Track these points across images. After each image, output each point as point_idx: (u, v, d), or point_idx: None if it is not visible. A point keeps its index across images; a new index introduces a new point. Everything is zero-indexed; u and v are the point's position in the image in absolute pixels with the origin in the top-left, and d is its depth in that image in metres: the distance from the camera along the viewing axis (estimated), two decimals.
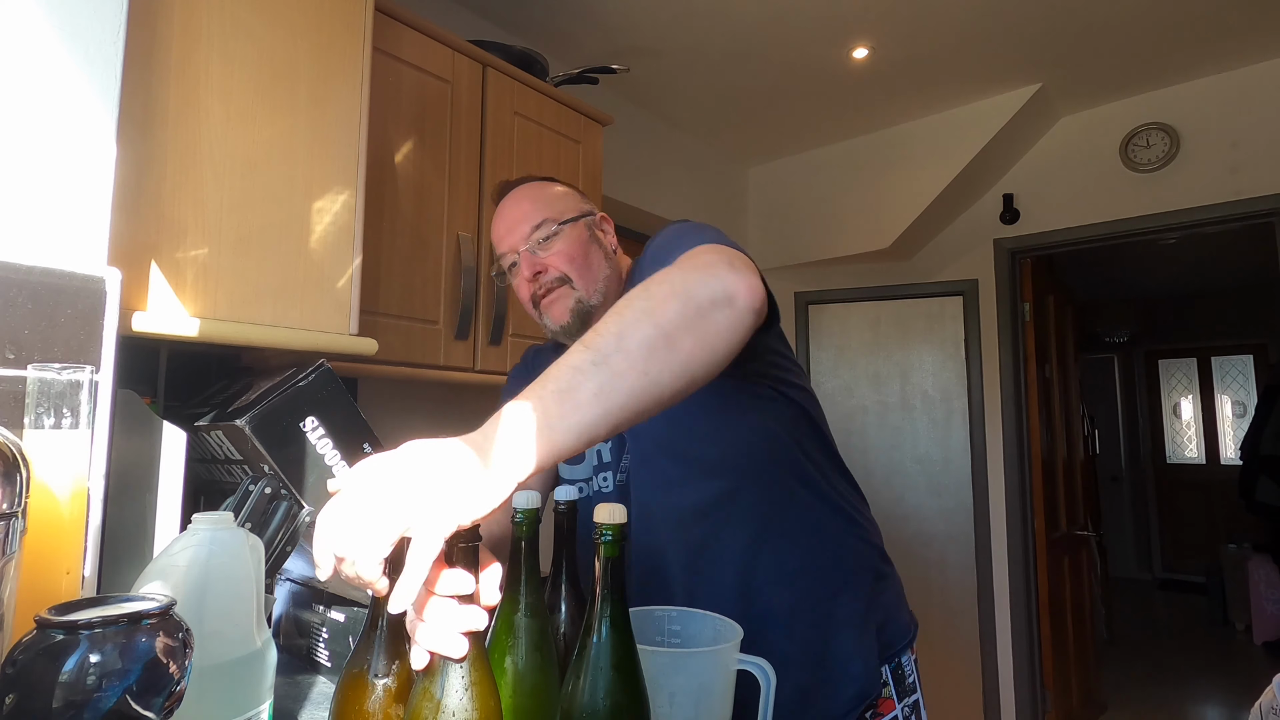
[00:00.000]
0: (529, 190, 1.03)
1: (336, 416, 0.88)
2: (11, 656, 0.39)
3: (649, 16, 2.16)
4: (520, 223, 1.00)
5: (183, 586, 0.52)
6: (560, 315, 0.98)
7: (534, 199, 1.02)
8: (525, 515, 0.62)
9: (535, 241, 0.99)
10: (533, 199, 1.02)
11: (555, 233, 0.99)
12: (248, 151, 0.98)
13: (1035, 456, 2.91)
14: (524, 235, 0.99)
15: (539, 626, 0.60)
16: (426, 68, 1.49)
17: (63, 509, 0.58)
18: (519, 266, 1.00)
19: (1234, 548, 4.99)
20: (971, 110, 2.73)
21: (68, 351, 0.67)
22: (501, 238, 1.02)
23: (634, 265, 1.01)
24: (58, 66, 0.74)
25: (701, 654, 0.67)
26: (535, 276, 0.98)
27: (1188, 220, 2.57)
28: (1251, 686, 3.67)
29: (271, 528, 0.82)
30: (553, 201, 1.02)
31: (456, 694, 0.48)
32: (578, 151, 1.84)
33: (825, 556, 0.94)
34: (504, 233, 1.01)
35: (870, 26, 2.22)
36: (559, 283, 0.98)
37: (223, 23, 0.97)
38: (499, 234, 1.02)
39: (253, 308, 0.98)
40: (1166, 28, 2.24)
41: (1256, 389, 5.78)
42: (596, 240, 1.03)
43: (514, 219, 1.01)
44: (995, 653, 2.85)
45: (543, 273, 0.98)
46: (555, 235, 0.99)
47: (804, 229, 3.16)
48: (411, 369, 1.44)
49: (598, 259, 1.01)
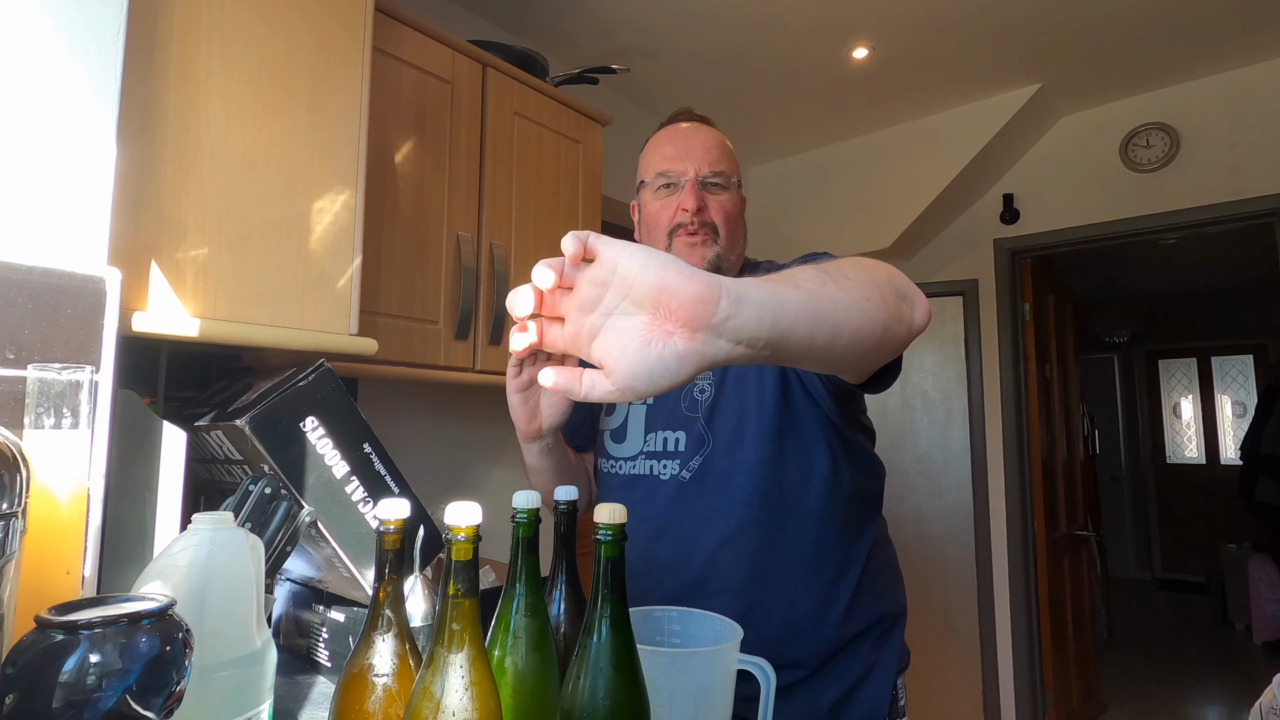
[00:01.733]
0: (712, 133, 1.04)
1: (336, 416, 0.88)
2: (11, 656, 0.39)
3: (649, 17, 2.16)
4: (702, 155, 1.00)
5: (183, 586, 0.52)
6: (696, 260, 0.97)
7: (719, 144, 1.03)
8: (525, 515, 0.62)
9: (708, 180, 0.99)
10: (721, 144, 1.03)
11: (729, 186, 1.01)
12: (248, 151, 0.98)
13: (1035, 456, 2.91)
14: (700, 168, 0.99)
15: (539, 626, 0.60)
16: (426, 68, 1.49)
17: (63, 509, 0.58)
18: (680, 190, 0.99)
19: (1234, 548, 4.99)
20: (971, 110, 2.73)
21: (68, 351, 0.67)
22: (673, 158, 1.01)
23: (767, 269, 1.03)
24: (57, 66, 0.74)
25: (701, 654, 0.67)
26: (698, 210, 0.98)
27: (1188, 220, 2.57)
28: (1251, 686, 3.67)
29: (271, 528, 0.82)
30: (730, 157, 1.04)
31: (456, 694, 0.48)
32: (578, 151, 1.84)
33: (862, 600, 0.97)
34: (680, 154, 1.00)
35: (870, 26, 2.22)
36: (710, 229, 0.99)
37: (223, 23, 0.96)
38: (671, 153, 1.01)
39: (253, 308, 0.98)
40: (1166, 28, 2.24)
41: (1256, 389, 5.78)
42: (742, 215, 1.05)
43: (701, 146, 1.01)
44: (995, 653, 2.85)
45: (704, 209, 0.98)
46: (728, 188, 1.01)
47: (804, 229, 3.16)
48: (411, 369, 1.44)
49: (740, 229, 1.04)
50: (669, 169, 1.00)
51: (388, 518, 0.57)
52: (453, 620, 0.50)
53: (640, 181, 1.06)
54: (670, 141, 1.03)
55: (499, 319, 1.59)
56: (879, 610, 0.98)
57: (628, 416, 1.05)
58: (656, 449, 1.00)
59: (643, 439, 1.03)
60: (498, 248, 1.60)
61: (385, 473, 0.91)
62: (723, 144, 1.04)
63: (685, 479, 0.97)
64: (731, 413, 0.97)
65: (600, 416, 1.10)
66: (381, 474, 0.91)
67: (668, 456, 0.99)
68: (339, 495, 0.87)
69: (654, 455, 1.01)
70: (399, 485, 0.92)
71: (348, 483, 0.88)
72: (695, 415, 0.99)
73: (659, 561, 0.95)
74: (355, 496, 0.88)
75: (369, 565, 0.88)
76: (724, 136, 1.07)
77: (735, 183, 1.03)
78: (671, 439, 1.00)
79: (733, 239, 1.01)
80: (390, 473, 0.91)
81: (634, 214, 1.10)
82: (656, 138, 1.07)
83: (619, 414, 1.07)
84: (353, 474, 0.88)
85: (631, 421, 1.05)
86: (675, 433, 1.00)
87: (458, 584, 0.51)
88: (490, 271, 1.58)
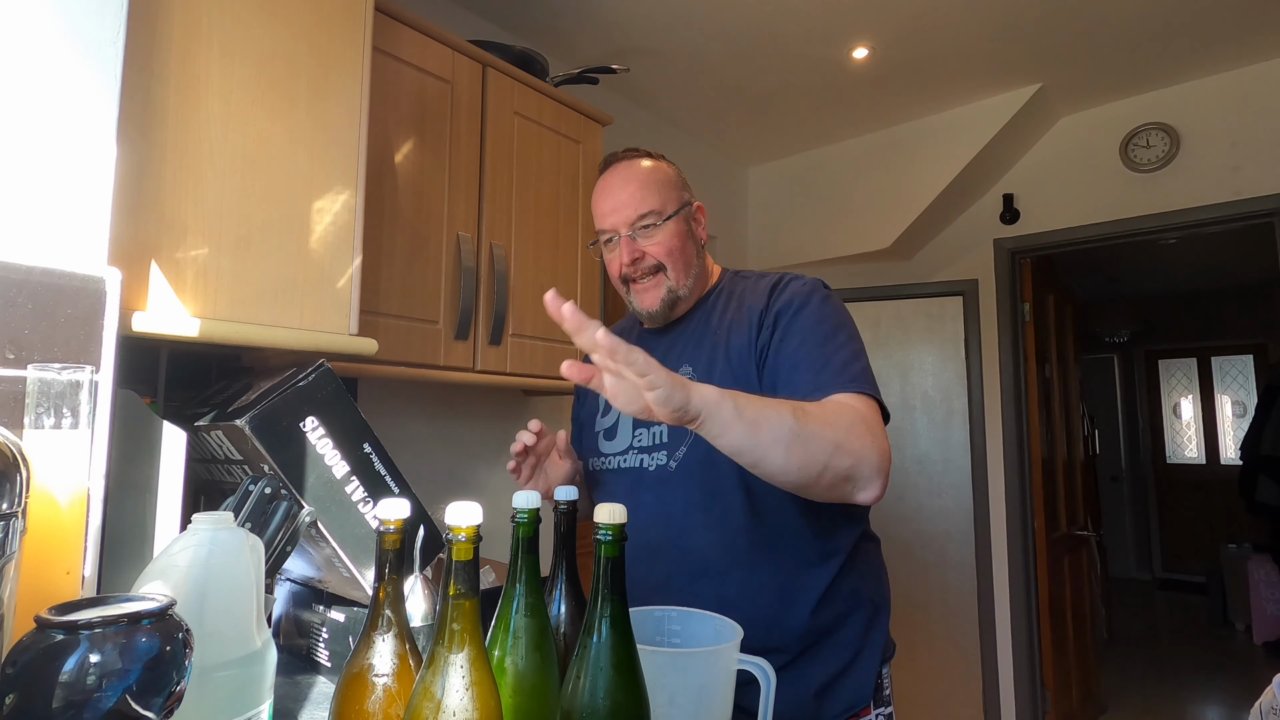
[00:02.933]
0: (638, 172, 1.06)
1: (336, 416, 0.88)
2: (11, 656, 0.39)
3: (649, 17, 2.16)
4: (626, 206, 1.04)
5: (183, 586, 0.52)
6: (651, 303, 1.06)
7: (643, 183, 1.05)
8: (525, 515, 0.62)
9: (638, 228, 1.04)
10: (641, 183, 1.05)
11: (661, 221, 1.04)
12: (248, 151, 0.98)
13: (1035, 456, 2.91)
14: (627, 219, 1.04)
15: (539, 626, 0.60)
16: (426, 68, 1.49)
17: (63, 509, 0.58)
18: (617, 247, 1.05)
19: (1234, 548, 4.99)
20: (971, 110, 2.72)
21: (68, 351, 0.67)
22: (605, 215, 1.06)
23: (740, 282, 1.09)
24: (58, 66, 0.74)
25: (701, 654, 0.67)
26: (634, 262, 1.04)
27: (1188, 220, 2.57)
28: (1251, 686, 3.67)
29: (271, 528, 0.82)
30: (661, 190, 1.05)
31: (457, 694, 0.48)
32: (578, 151, 1.84)
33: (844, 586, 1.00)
34: (608, 210, 1.06)
35: (870, 26, 2.22)
36: (654, 270, 1.05)
37: (223, 23, 0.96)
38: (603, 209, 1.07)
39: (253, 308, 0.98)
40: (1167, 28, 2.24)
41: (1256, 389, 5.78)
42: (692, 233, 1.09)
43: (620, 200, 1.05)
44: (995, 653, 2.85)
45: (640, 259, 1.04)
46: (658, 227, 1.04)
47: (804, 229, 3.16)
48: (411, 369, 1.44)
49: (691, 252, 1.08)
50: (603, 227, 1.07)
51: (388, 518, 0.57)
52: (453, 620, 0.50)
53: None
54: (602, 197, 1.08)
55: (499, 319, 1.59)
56: (862, 597, 1.00)
57: (619, 416, 1.10)
58: (645, 443, 1.05)
59: (631, 434, 1.07)
60: (497, 248, 1.60)
61: (385, 473, 0.91)
62: (648, 180, 1.05)
63: (671, 469, 1.01)
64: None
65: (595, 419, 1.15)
66: (381, 474, 0.91)
67: (655, 449, 1.03)
68: (339, 495, 0.87)
69: (643, 450, 1.05)
70: (399, 485, 0.92)
71: (348, 483, 0.88)
72: None
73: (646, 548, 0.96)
74: (355, 496, 0.88)
75: (369, 565, 0.88)
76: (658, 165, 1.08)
77: (670, 211, 1.05)
78: (657, 432, 1.04)
79: (682, 268, 1.06)
80: (390, 473, 0.91)
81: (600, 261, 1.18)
82: (595, 191, 1.10)
83: (612, 413, 1.11)
84: (353, 474, 0.88)
85: (622, 420, 1.09)
86: (659, 426, 1.03)
87: (458, 584, 0.51)
88: (490, 271, 1.58)
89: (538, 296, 1.71)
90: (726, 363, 1.00)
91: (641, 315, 1.09)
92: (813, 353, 0.94)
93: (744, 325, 1.01)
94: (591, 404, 1.18)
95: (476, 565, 0.52)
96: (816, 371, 0.91)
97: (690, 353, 1.05)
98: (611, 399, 0.70)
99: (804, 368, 0.92)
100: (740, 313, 1.04)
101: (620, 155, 1.10)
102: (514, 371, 1.64)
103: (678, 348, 1.07)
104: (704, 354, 1.04)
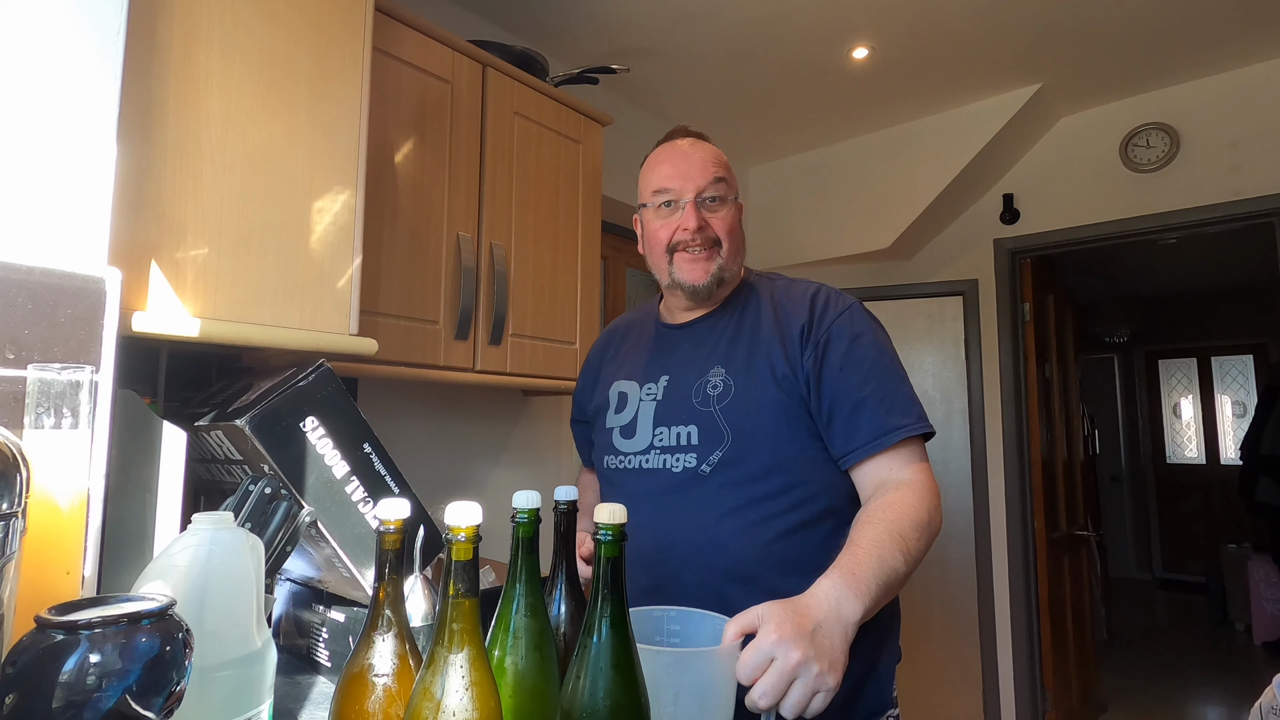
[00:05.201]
0: (708, 147, 1.07)
1: (336, 416, 0.88)
2: (11, 656, 0.39)
3: (649, 16, 2.16)
4: (699, 173, 1.03)
5: (183, 586, 0.52)
6: (700, 276, 1.04)
7: (719, 160, 1.06)
8: (525, 515, 0.62)
9: (706, 198, 1.03)
10: (717, 159, 1.06)
11: (728, 200, 1.04)
12: (248, 151, 0.98)
13: (1035, 456, 2.91)
14: (698, 186, 1.03)
15: (539, 626, 0.60)
16: (426, 68, 1.49)
17: (63, 509, 0.58)
18: (680, 210, 1.03)
19: (1234, 548, 4.98)
20: (971, 110, 2.72)
21: (68, 351, 0.67)
22: (671, 177, 1.04)
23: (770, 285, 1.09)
24: (58, 66, 0.74)
25: (705, 654, 0.67)
26: (699, 229, 1.02)
27: (1188, 220, 2.56)
28: (1251, 686, 3.67)
29: (271, 528, 0.82)
30: (730, 172, 1.07)
31: (456, 694, 0.48)
32: (578, 151, 1.84)
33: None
34: (680, 172, 1.04)
35: (870, 26, 2.22)
36: (713, 245, 1.04)
37: (223, 23, 0.96)
38: (667, 172, 1.05)
39: (253, 308, 0.98)
40: (1166, 28, 2.24)
41: (1256, 389, 5.78)
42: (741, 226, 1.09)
43: (699, 163, 1.04)
44: (995, 653, 2.85)
45: (705, 228, 1.03)
46: (726, 202, 1.04)
47: (804, 229, 3.16)
48: (411, 369, 1.44)
49: (742, 240, 1.09)
50: (668, 187, 1.04)
51: (388, 518, 0.57)
52: (453, 620, 0.50)
53: (641, 201, 1.10)
54: (668, 160, 1.06)
55: (499, 319, 1.59)
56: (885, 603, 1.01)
57: (637, 413, 1.08)
58: (669, 443, 1.02)
59: (652, 433, 1.04)
60: (498, 248, 1.60)
61: (385, 473, 0.91)
62: (719, 159, 1.07)
63: (705, 472, 0.99)
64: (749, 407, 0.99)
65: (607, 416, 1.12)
66: (381, 474, 0.91)
67: (680, 450, 1.01)
68: (339, 495, 0.87)
69: (666, 449, 1.02)
70: (399, 485, 0.92)
71: (348, 483, 0.88)
72: (709, 409, 1.01)
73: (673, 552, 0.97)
74: (355, 496, 0.88)
75: (369, 565, 0.88)
76: (720, 151, 1.09)
77: (733, 197, 1.06)
78: (683, 433, 1.01)
79: (735, 251, 1.06)
80: (390, 473, 0.91)
81: (636, 227, 1.15)
82: (654, 155, 1.09)
83: (629, 411, 1.09)
84: (353, 474, 0.88)
85: (641, 417, 1.07)
86: (686, 427, 1.01)
87: (458, 584, 0.51)
88: (490, 271, 1.58)
89: (538, 296, 1.71)
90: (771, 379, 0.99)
91: (684, 288, 1.05)
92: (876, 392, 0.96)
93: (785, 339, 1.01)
94: (602, 395, 1.15)
95: (476, 565, 0.52)
96: (885, 414, 0.95)
97: (723, 353, 1.04)
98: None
99: (868, 409, 0.95)
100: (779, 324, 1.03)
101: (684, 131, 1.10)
102: (514, 371, 1.64)
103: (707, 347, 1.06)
104: (739, 358, 1.02)
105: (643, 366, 1.12)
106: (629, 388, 1.11)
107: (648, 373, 1.10)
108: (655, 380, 1.08)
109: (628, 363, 1.15)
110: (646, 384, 1.09)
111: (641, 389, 1.09)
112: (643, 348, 1.15)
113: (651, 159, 1.10)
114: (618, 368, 1.16)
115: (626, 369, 1.14)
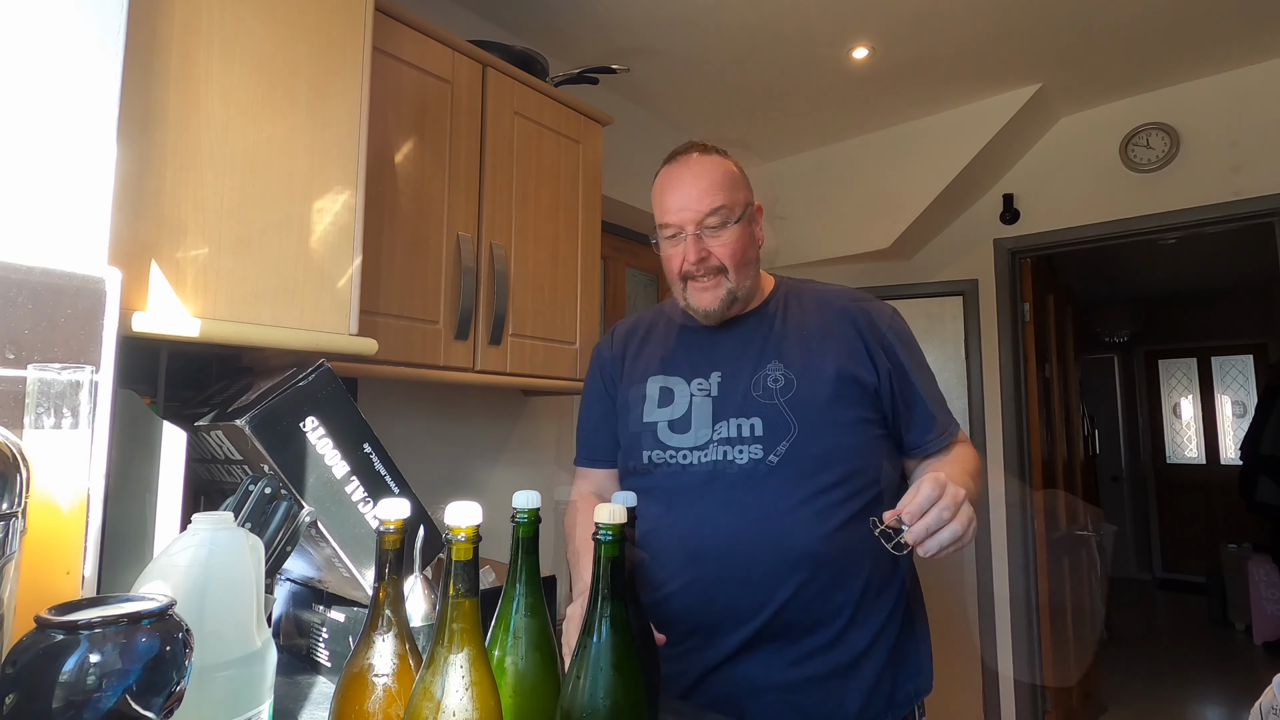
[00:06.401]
0: (708, 169, 1.06)
1: (336, 416, 0.88)
2: (11, 656, 0.39)
3: (649, 16, 2.16)
4: (702, 197, 1.03)
5: (183, 586, 0.52)
6: (710, 302, 1.06)
7: (713, 181, 1.05)
8: (525, 515, 0.62)
9: (707, 226, 1.03)
10: (712, 180, 1.05)
11: (729, 220, 1.04)
12: (248, 151, 0.98)
13: (1035, 456, 2.91)
14: (697, 216, 1.03)
15: (539, 626, 0.60)
16: (426, 68, 1.49)
17: (63, 509, 0.58)
18: (682, 243, 1.05)
19: (1234, 548, 4.98)
20: (971, 110, 2.72)
21: (68, 351, 0.67)
22: (671, 210, 1.05)
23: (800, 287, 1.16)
24: (58, 66, 0.74)
25: None
26: (699, 260, 1.03)
27: (1188, 220, 2.56)
28: (1251, 686, 3.67)
29: (271, 528, 0.82)
30: (729, 190, 1.05)
31: (456, 694, 0.48)
32: (578, 151, 1.84)
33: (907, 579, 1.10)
34: (676, 207, 1.04)
35: (870, 26, 2.22)
36: (717, 271, 1.05)
37: (223, 22, 0.96)
38: (669, 205, 1.05)
39: (253, 308, 0.98)
40: (1167, 28, 2.24)
41: (1256, 389, 5.78)
42: (752, 235, 1.09)
43: (695, 190, 1.04)
44: (995, 653, 2.85)
45: (706, 259, 1.04)
46: (728, 223, 1.04)
47: (804, 229, 3.15)
48: (411, 369, 1.44)
49: (753, 254, 1.09)
50: (669, 221, 1.06)
51: (388, 518, 0.57)
52: (453, 620, 0.50)
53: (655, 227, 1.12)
54: (670, 189, 1.06)
55: (499, 319, 1.59)
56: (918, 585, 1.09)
57: (690, 407, 1.07)
58: (730, 434, 1.03)
59: (711, 427, 1.04)
60: (497, 248, 1.60)
61: (385, 473, 0.91)
62: (719, 180, 1.05)
63: (772, 463, 1.00)
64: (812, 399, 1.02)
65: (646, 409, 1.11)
66: (381, 474, 0.91)
67: (743, 442, 1.02)
68: (339, 495, 0.87)
69: (727, 441, 1.03)
70: (399, 485, 0.92)
71: (348, 483, 0.88)
72: (772, 402, 1.03)
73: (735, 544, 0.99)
74: (355, 496, 0.88)
75: (369, 565, 0.88)
76: (727, 163, 1.08)
77: (738, 213, 1.05)
78: (745, 425, 1.02)
79: (742, 271, 1.07)
80: (390, 473, 0.91)
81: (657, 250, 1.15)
82: (659, 181, 1.09)
83: (679, 405, 1.08)
84: (353, 474, 0.88)
85: (696, 411, 1.07)
86: (749, 419, 1.02)
87: (458, 584, 0.51)
88: (490, 271, 1.58)
89: (538, 296, 1.71)
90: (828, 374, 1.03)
91: (698, 313, 1.08)
92: (931, 395, 1.10)
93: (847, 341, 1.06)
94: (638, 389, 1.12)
95: (476, 565, 0.52)
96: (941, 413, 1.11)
97: (776, 349, 1.07)
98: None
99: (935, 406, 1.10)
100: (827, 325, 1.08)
101: (688, 148, 1.09)
102: (514, 371, 1.64)
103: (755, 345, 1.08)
104: (793, 354, 1.05)
105: (686, 363, 1.11)
106: (673, 383, 1.10)
107: (695, 368, 1.10)
108: (706, 376, 1.08)
109: (661, 359, 1.14)
110: (696, 379, 1.09)
111: (690, 384, 1.09)
112: (675, 346, 1.14)
113: (657, 185, 1.10)
114: (649, 363, 1.15)
115: (663, 365, 1.13)
